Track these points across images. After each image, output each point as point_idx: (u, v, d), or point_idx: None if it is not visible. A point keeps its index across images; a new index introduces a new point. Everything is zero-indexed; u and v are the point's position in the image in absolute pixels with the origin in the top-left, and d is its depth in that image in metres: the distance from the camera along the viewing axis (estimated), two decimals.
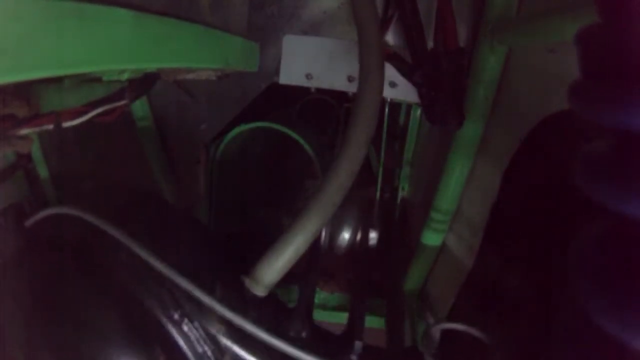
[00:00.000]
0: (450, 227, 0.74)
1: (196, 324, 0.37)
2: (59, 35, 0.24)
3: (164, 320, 0.36)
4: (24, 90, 0.39)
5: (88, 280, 0.37)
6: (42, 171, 0.85)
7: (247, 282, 0.41)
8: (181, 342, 0.36)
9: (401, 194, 1.06)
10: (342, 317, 0.92)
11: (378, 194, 0.96)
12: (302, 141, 0.71)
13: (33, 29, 0.22)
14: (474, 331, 0.40)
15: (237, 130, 0.72)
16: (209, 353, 0.36)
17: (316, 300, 0.95)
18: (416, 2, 0.60)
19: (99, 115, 0.46)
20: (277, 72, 0.72)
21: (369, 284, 0.78)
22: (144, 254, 0.36)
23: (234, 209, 0.83)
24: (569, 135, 0.39)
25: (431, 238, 0.76)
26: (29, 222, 0.41)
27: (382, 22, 0.65)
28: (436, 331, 0.42)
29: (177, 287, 0.36)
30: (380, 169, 0.95)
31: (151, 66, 0.43)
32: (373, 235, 0.89)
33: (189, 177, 0.86)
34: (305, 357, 0.36)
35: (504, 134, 0.58)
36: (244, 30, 0.68)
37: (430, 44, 0.63)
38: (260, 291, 0.41)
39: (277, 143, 0.89)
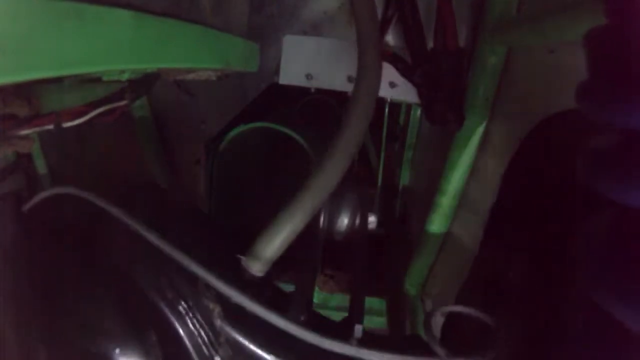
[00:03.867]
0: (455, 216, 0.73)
1: (191, 303, 0.36)
2: (59, 36, 0.24)
3: (158, 300, 0.35)
4: (24, 90, 0.39)
5: (83, 260, 0.37)
6: (44, 178, 0.85)
7: (245, 260, 0.39)
8: (176, 324, 0.35)
9: (400, 194, 1.06)
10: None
11: (378, 194, 0.97)
12: (302, 141, 0.71)
13: (33, 29, 0.22)
14: (479, 314, 0.39)
15: (237, 130, 0.71)
16: (203, 333, 0.36)
17: (316, 300, 0.95)
18: (416, 2, 0.60)
19: (99, 115, 0.46)
20: (277, 72, 0.72)
21: (370, 271, 0.77)
22: (138, 227, 0.35)
23: (233, 209, 0.83)
24: (569, 135, 0.39)
25: (437, 224, 0.74)
26: (26, 207, 0.40)
27: (382, 23, 0.65)
28: (438, 316, 0.42)
29: (173, 268, 0.35)
30: (380, 170, 0.95)
31: (151, 66, 0.43)
32: (372, 219, 0.88)
33: (189, 177, 0.86)
34: (304, 334, 0.34)
35: (503, 134, 0.58)
36: (244, 30, 0.68)
37: (430, 44, 0.63)
38: (259, 267, 0.39)
39: (277, 143, 0.89)
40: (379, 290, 0.91)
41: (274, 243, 0.40)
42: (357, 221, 0.83)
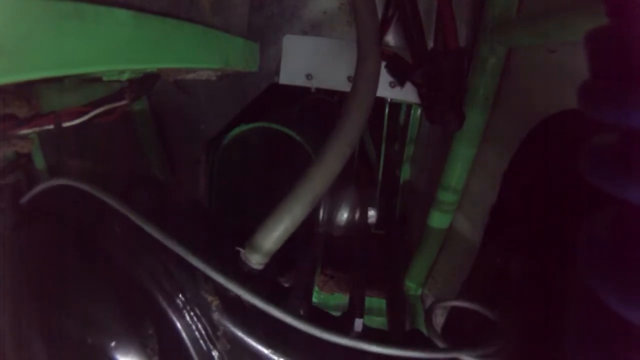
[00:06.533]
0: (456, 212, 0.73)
1: (189, 295, 0.35)
2: (59, 36, 0.24)
3: (155, 292, 0.34)
4: (24, 90, 0.39)
5: (80, 252, 0.36)
6: (42, 173, 0.85)
7: (244, 252, 0.38)
8: (173, 317, 0.34)
9: (400, 194, 1.06)
10: None
11: (378, 194, 0.96)
12: (302, 141, 0.71)
13: (33, 29, 0.22)
14: (480, 308, 0.38)
15: (237, 130, 0.71)
16: (201, 327, 0.35)
17: (316, 300, 0.95)
18: (416, 2, 0.60)
19: (99, 115, 0.46)
20: (277, 72, 0.72)
21: (370, 269, 0.76)
22: (136, 218, 0.35)
23: (233, 209, 0.83)
24: (569, 135, 0.39)
25: (438, 220, 0.74)
26: (24, 199, 0.40)
27: (382, 23, 0.65)
28: (439, 312, 0.41)
29: (171, 260, 0.35)
30: (380, 170, 0.95)
31: (151, 66, 0.43)
32: (372, 214, 0.87)
33: (189, 177, 0.86)
34: (303, 326, 0.33)
35: (503, 134, 0.58)
36: (245, 30, 0.68)
37: (430, 44, 0.63)
38: (258, 259, 0.39)
39: (277, 143, 0.89)
40: (378, 287, 0.90)
41: (274, 234, 0.39)
42: (357, 215, 0.83)
